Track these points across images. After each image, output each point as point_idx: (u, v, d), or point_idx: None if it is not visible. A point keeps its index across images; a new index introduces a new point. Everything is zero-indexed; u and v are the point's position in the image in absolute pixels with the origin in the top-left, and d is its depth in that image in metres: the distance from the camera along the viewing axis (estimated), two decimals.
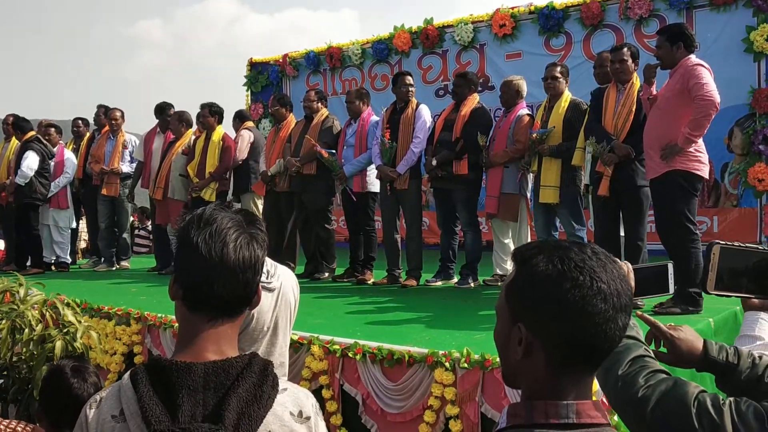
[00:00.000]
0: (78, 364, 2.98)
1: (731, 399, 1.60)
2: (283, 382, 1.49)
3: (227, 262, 1.45)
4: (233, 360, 1.42)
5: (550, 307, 1.20)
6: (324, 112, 7.31)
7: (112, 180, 8.48)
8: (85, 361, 3.08)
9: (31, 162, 8.28)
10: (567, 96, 5.92)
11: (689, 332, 1.92)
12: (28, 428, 2.65)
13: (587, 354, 1.21)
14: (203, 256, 1.45)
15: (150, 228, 10.97)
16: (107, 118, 8.70)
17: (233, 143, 7.87)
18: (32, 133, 8.51)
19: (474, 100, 6.44)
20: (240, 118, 8.24)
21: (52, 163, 8.58)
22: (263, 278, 2.79)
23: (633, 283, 1.72)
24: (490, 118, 6.61)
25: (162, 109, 8.57)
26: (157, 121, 8.60)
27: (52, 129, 8.85)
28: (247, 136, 7.90)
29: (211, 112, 7.87)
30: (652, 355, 1.80)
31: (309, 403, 1.50)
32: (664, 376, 1.69)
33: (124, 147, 8.58)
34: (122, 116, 8.72)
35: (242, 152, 7.78)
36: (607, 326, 1.19)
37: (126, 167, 8.58)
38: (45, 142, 8.54)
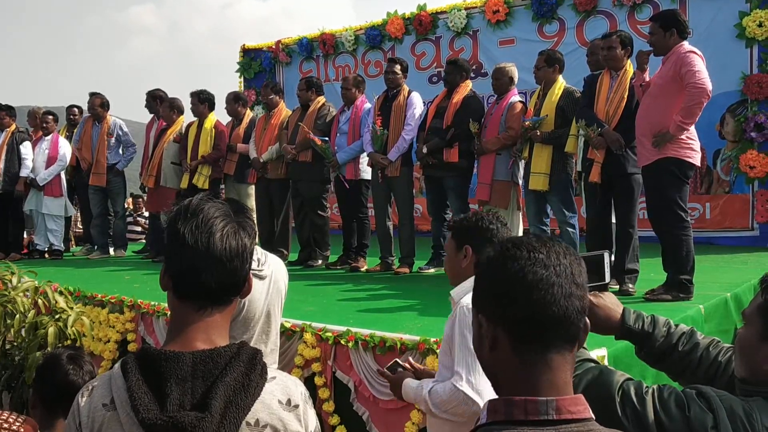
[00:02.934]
0: (74, 352, 2.99)
1: (655, 387, 1.61)
2: (272, 371, 1.50)
3: (213, 251, 1.47)
4: (221, 349, 1.44)
5: (494, 286, 1.24)
6: (320, 99, 7.29)
7: (100, 170, 8.46)
8: (81, 350, 3.09)
9: (30, 153, 8.60)
10: (560, 84, 5.91)
11: (610, 300, 1.93)
12: (20, 419, 2.65)
13: (546, 328, 1.20)
14: (190, 246, 1.46)
15: (146, 214, 10.96)
16: (89, 105, 8.66)
17: (226, 129, 7.85)
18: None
19: (466, 88, 6.43)
20: (243, 103, 8.12)
21: (46, 152, 8.62)
22: (254, 266, 2.79)
23: None
24: (482, 105, 6.60)
25: (153, 97, 8.56)
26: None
27: (50, 117, 8.84)
28: None
29: (200, 100, 7.84)
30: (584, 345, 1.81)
31: (298, 391, 1.51)
32: (591, 365, 1.70)
33: (110, 135, 8.55)
34: (102, 104, 8.61)
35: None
36: (553, 291, 1.19)
37: (113, 156, 8.55)
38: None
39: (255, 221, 1.58)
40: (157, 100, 8.47)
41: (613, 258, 5.18)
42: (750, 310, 1.75)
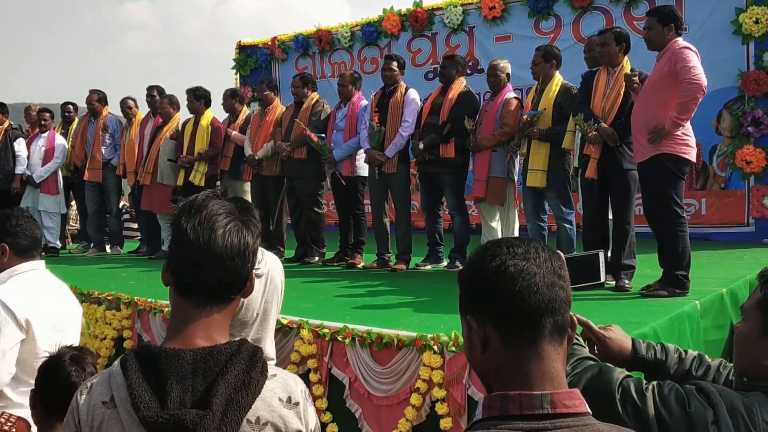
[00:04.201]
0: (77, 353, 2.97)
1: (654, 383, 1.62)
2: (273, 368, 1.50)
3: (214, 248, 1.46)
4: (222, 346, 1.43)
5: (478, 284, 1.26)
6: (314, 96, 7.28)
7: (95, 166, 8.45)
8: (85, 352, 3.07)
9: (24, 150, 8.59)
10: (558, 80, 5.90)
11: (618, 332, 1.96)
12: (12, 419, 2.65)
13: (533, 318, 1.22)
14: (191, 243, 1.46)
15: None
16: (86, 102, 8.66)
17: (222, 126, 7.84)
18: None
19: (461, 84, 6.44)
20: (240, 99, 8.14)
21: (42, 149, 8.61)
22: None
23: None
24: (477, 101, 6.61)
25: (159, 92, 8.54)
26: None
27: (47, 114, 8.83)
28: None
29: (196, 97, 7.83)
30: (582, 343, 1.82)
31: (298, 389, 1.51)
32: (591, 363, 1.71)
33: (104, 131, 8.54)
34: (99, 99, 8.65)
35: None
36: (536, 280, 1.22)
37: (108, 151, 8.54)
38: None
39: (259, 220, 1.57)
40: (159, 96, 8.45)
41: (609, 254, 5.19)
42: (749, 305, 1.75)
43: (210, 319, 1.48)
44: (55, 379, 2.81)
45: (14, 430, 2.65)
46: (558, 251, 1.33)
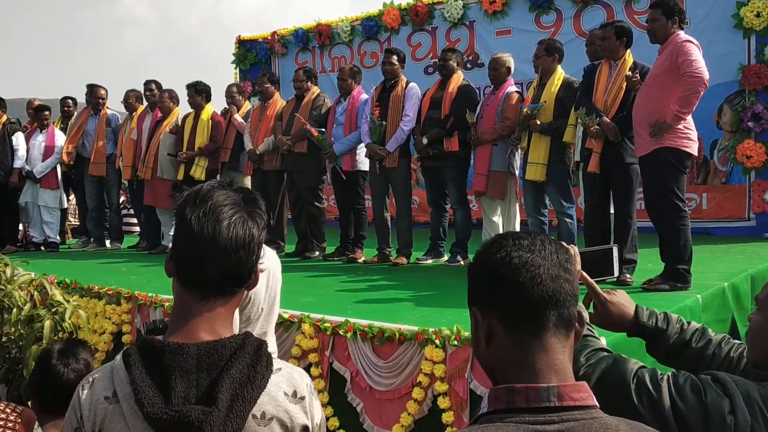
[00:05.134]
0: (65, 347, 2.96)
1: (670, 373, 1.61)
2: (277, 362, 1.48)
3: (219, 240, 1.43)
4: (226, 340, 1.41)
5: (483, 275, 1.27)
6: (315, 90, 7.27)
7: (99, 160, 8.43)
8: (78, 346, 3.04)
9: (22, 144, 8.56)
10: (560, 74, 5.87)
11: (623, 297, 1.95)
12: (17, 410, 2.65)
13: (537, 309, 1.21)
14: (196, 233, 1.43)
15: None
16: (92, 96, 8.61)
17: (223, 120, 7.82)
18: None
19: (459, 77, 6.43)
20: (241, 92, 8.14)
21: (42, 144, 8.59)
22: None
23: (579, 266, 1.74)
24: (476, 94, 6.61)
25: (159, 88, 8.51)
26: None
27: (47, 112, 8.80)
28: None
29: (198, 91, 7.81)
30: (595, 334, 1.81)
31: (303, 383, 1.49)
32: (605, 354, 1.71)
33: (108, 125, 8.52)
34: (107, 94, 8.66)
35: None
36: (540, 272, 1.22)
37: (109, 146, 8.52)
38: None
39: (265, 212, 1.54)
40: (157, 90, 8.43)
41: None
42: (763, 295, 1.75)
43: (214, 313, 1.45)
44: (43, 371, 2.82)
45: (20, 420, 2.65)
46: (573, 245, 1.33)
